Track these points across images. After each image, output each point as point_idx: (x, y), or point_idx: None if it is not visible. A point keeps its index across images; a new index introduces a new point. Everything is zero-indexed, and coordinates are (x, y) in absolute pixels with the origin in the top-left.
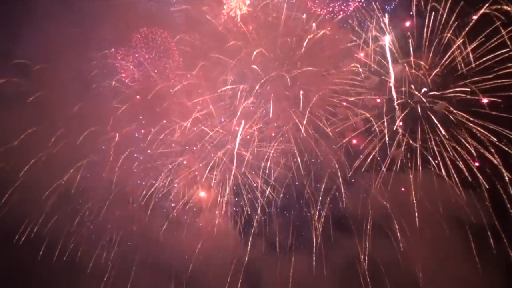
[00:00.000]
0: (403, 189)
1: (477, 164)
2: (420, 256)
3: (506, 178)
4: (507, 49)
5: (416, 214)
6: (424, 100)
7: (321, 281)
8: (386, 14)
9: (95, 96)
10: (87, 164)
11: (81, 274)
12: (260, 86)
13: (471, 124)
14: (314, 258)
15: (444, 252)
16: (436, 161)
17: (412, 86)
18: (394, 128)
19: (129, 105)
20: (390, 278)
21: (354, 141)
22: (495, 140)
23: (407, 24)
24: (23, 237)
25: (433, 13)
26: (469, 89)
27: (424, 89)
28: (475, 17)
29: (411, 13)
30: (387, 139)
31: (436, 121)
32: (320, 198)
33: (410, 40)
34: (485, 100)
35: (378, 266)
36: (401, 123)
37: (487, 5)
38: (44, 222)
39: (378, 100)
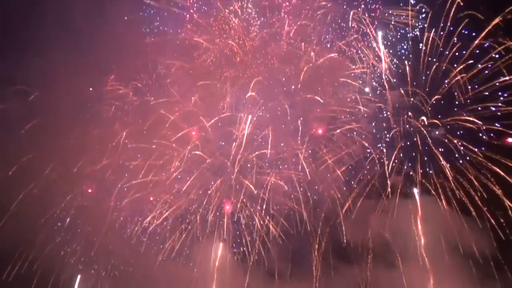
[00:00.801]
0: (404, 218)
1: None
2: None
3: (508, 207)
4: (505, 78)
5: (418, 243)
6: (422, 128)
7: None
8: (382, 46)
9: (93, 123)
10: (82, 193)
11: None
12: (258, 114)
13: (471, 153)
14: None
15: (446, 281)
16: (436, 190)
17: (410, 113)
18: (393, 157)
19: (127, 132)
20: None
21: (353, 169)
22: (497, 169)
23: (405, 52)
24: (14, 270)
25: (430, 42)
26: (468, 117)
27: (423, 117)
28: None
29: (408, 42)
30: (386, 167)
31: (435, 150)
32: (320, 226)
33: (407, 69)
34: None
35: None
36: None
37: (483, 34)
38: (36, 254)
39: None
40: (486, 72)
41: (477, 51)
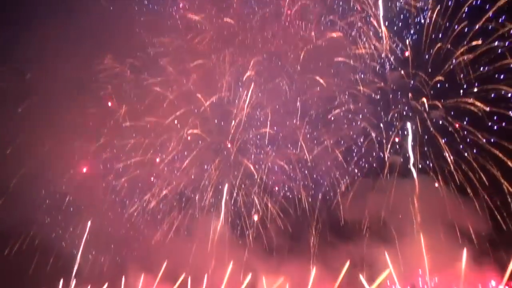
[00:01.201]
0: (401, 197)
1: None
2: (418, 262)
3: (505, 188)
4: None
5: (414, 221)
6: (421, 109)
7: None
8: (383, 26)
9: (90, 102)
10: (80, 172)
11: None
12: (258, 93)
13: (471, 135)
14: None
15: (441, 258)
16: (434, 170)
17: (410, 95)
18: (392, 138)
19: (124, 111)
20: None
21: (352, 149)
22: (495, 150)
23: (407, 33)
24: (16, 246)
25: (432, 23)
26: (468, 99)
27: (423, 99)
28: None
29: (410, 23)
30: (385, 147)
31: (434, 132)
32: (318, 205)
33: (408, 49)
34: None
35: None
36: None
37: (485, 18)
38: (36, 231)
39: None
40: (500, 52)
41: (480, 34)
